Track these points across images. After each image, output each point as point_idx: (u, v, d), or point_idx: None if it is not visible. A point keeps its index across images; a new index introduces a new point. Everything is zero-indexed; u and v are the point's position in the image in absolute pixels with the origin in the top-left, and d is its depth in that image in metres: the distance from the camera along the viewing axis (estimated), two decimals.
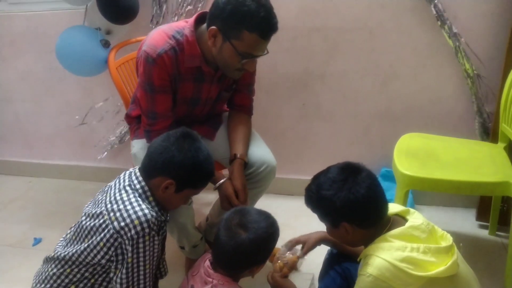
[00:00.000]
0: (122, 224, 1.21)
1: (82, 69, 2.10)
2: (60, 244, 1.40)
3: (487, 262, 1.83)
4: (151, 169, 1.31)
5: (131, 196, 1.27)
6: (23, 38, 2.47)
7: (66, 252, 1.30)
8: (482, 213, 2.07)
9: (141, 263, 1.24)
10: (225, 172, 1.66)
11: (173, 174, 1.28)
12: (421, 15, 1.95)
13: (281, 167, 1.76)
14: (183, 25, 1.54)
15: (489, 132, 2.01)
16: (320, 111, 2.24)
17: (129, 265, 1.23)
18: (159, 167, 1.29)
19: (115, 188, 1.32)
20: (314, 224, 2.06)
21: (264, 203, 1.90)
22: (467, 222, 2.11)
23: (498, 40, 1.90)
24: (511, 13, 1.82)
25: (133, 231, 1.20)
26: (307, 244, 1.47)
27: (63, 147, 2.72)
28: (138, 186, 1.30)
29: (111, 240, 1.22)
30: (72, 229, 1.38)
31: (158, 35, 1.51)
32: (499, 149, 1.80)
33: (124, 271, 1.23)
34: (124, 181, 1.33)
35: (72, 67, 2.08)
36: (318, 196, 1.16)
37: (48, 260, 1.37)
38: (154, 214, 1.25)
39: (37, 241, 2.14)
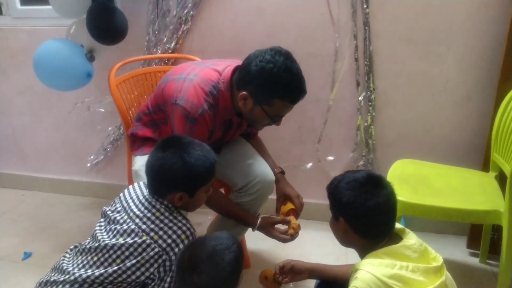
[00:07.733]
0: (169, 241, 1.23)
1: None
2: (68, 263, 1.33)
3: None
4: (157, 193, 1.32)
5: (164, 211, 1.29)
6: (24, 52, 2.49)
7: (90, 273, 1.24)
8: (473, 241, 2.09)
9: None
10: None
11: (178, 188, 1.29)
12: (416, 45, 2.01)
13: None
14: (216, 77, 1.56)
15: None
16: (315, 134, 2.27)
17: (173, 278, 1.24)
18: (163, 188, 1.31)
19: (138, 206, 1.31)
20: (306, 246, 2.08)
21: None
22: (458, 249, 2.12)
23: (491, 70, 1.95)
24: (503, 44, 1.87)
25: (181, 245, 1.24)
26: (300, 269, 1.46)
27: (57, 161, 2.72)
28: (159, 204, 1.30)
29: (156, 257, 1.23)
30: (89, 246, 1.31)
31: (195, 91, 1.52)
32: (490, 178, 1.83)
33: (166, 285, 1.25)
34: (143, 198, 1.33)
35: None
36: (335, 185, 1.21)
37: (54, 282, 1.28)
38: (192, 226, 1.29)
39: (27, 255, 2.12)
